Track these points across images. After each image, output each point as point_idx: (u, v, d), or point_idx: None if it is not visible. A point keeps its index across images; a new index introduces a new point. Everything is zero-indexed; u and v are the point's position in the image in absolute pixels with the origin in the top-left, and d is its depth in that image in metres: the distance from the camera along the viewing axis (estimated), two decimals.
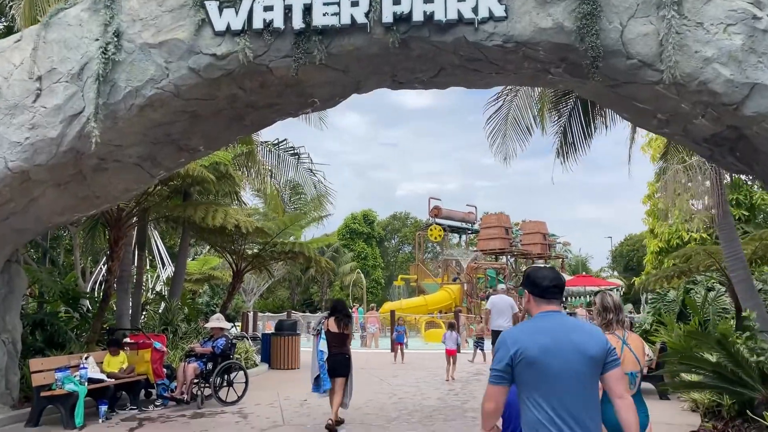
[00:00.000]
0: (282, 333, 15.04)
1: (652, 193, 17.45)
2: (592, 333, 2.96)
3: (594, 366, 2.86)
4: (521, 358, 2.83)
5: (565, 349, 2.83)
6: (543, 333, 2.89)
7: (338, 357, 7.86)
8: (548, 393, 2.81)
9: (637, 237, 65.69)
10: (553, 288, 3.03)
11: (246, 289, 39.96)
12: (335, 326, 7.92)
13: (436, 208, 38.88)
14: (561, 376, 2.80)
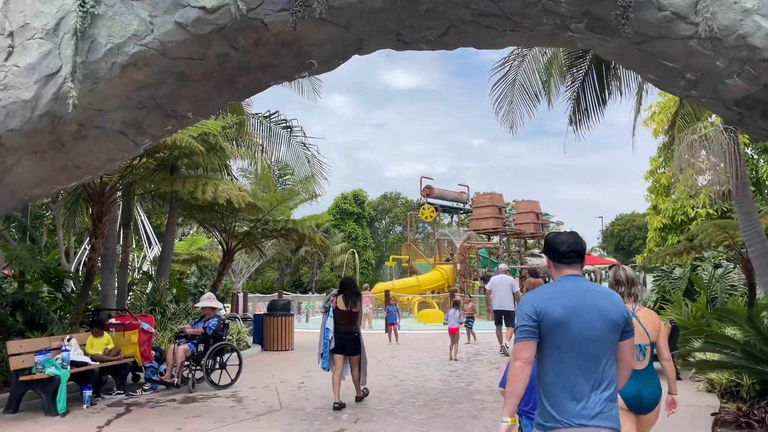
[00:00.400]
0: (275, 313, 14.52)
1: (655, 168, 17.01)
2: (613, 299, 2.97)
3: (614, 331, 2.87)
4: (545, 317, 2.82)
5: (588, 312, 2.83)
6: (567, 295, 2.88)
7: (347, 335, 7.86)
8: (569, 354, 2.80)
9: (628, 216, 65.72)
10: (571, 253, 3.01)
11: (235, 270, 39.34)
12: (344, 304, 7.90)
13: (428, 188, 38.36)
14: (583, 337, 2.80)
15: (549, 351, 2.84)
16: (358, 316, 8.22)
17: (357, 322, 8.13)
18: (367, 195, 52.66)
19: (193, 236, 35.71)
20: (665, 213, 15.34)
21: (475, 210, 36.16)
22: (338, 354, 7.88)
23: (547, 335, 2.82)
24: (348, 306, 7.94)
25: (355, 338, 8.01)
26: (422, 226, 51.72)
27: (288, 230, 14.39)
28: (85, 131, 7.62)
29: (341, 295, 8.01)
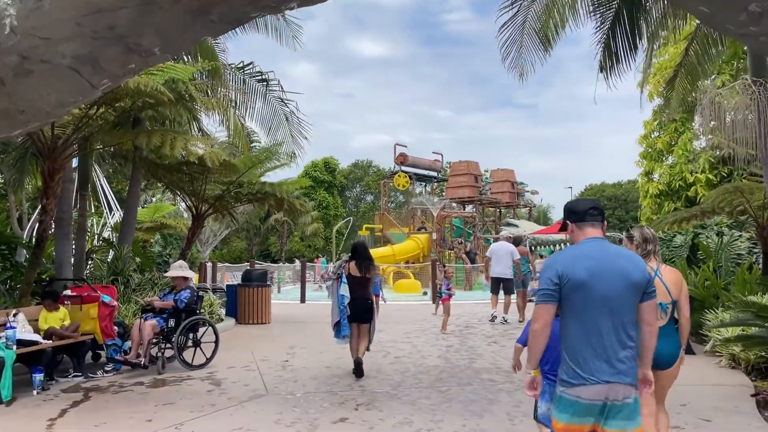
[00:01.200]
0: (250, 284, 13.39)
1: (648, 132, 16.25)
2: (635, 261, 3.02)
3: (636, 292, 2.94)
4: (568, 280, 2.89)
5: (610, 274, 2.89)
6: (589, 258, 2.94)
7: (360, 302, 7.66)
8: (592, 314, 2.88)
9: (598, 187, 65.93)
10: (592, 210, 3.10)
11: (201, 239, 37.81)
12: (357, 270, 7.68)
13: (402, 155, 37.24)
14: (605, 298, 2.87)
15: (572, 312, 2.92)
16: (371, 282, 7.95)
17: (370, 288, 7.91)
18: (338, 163, 51.32)
19: (156, 203, 34.04)
20: (661, 179, 14.64)
21: (451, 178, 35.28)
22: (353, 322, 7.70)
23: (571, 296, 2.91)
24: (362, 272, 7.70)
25: (369, 305, 7.80)
26: (394, 194, 50.71)
27: (264, 194, 13.18)
28: (29, 65, 6.27)
29: (353, 261, 7.75)
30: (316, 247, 46.85)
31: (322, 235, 46.38)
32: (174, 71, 9.15)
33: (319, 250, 47.18)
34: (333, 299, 7.90)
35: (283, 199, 12.90)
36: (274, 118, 13.20)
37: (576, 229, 3.14)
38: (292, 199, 13.40)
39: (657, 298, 3.70)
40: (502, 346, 10.20)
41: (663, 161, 15.69)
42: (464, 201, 34.92)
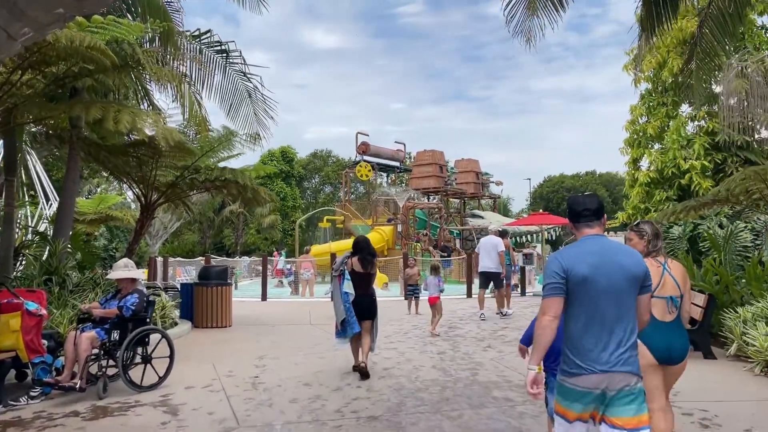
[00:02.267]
0: (209, 282, 11.85)
1: (636, 117, 15.36)
2: (634, 256, 3.12)
3: (635, 285, 3.05)
4: (572, 274, 2.99)
5: (611, 268, 3.00)
6: (590, 253, 3.04)
7: (364, 299, 7.44)
8: (594, 307, 2.98)
9: (557, 178, 66.09)
10: (584, 211, 3.18)
11: (150, 232, 35.61)
12: (360, 266, 7.43)
13: (365, 144, 35.91)
14: (607, 291, 2.98)
15: (575, 305, 3.02)
16: (374, 278, 7.73)
17: (372, 284, 7.69)
18: (296, 152, 49.42)
19: (101, 193, 31.75)
20: (655, 165, 13.75)
21: (416, 168, 34.15)
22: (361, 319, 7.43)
23: (574, 290, 3.01)
24: (365, 268, 7.46)
25: (373, 301, 7.59)
26: (355, 185, 49.27)
27: (225, 181, 11.63)
28: None
29: (356, 256, 7.48)
30: (274, 240, 45.04)
31: (280, 227, 44.61)
32: (118, 30, 7.55)
33: (277, 243, 45.40)
34: (336, 297, 7.53)
35: (246, 187, 11.38)
36: (236, 94, 11.64)
37: (574, 227, 3.24)
38: (258, 186, 11.89)
39: (667, 291, 4.02)
40: (499, 352, 9.04)
41: (651, 148, 14.83)
42: (429, 191, 33.85)
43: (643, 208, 14.23)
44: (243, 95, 11.67)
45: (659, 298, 4.01)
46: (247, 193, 11.50)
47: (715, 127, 13.37)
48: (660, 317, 4.01)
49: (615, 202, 59.88)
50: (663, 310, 4.03)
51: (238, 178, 11.23)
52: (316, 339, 10.43)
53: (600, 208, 3.21)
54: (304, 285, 19.98)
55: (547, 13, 8.66)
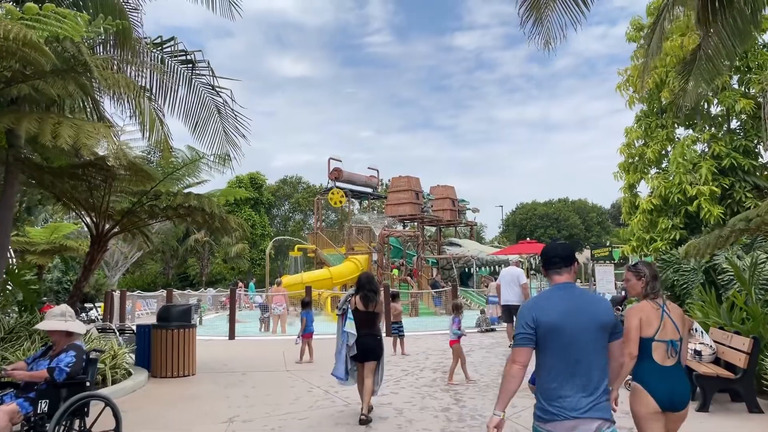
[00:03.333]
0: (169, 324, 10.29)
1: (631, 141, 14.46)
2: (602, 303, 3.24)
3: (604, 333, 3.15)
4: (541, 323, 3.10)
5: (580, 316, 3.10)
6: (560, 300, 3.16)
7: (368, 339, 7.08)
8: (563, 355, 3.06)
9: (529, 206, 65.74)
10: (554, 258, 3.29)
11: (109, 263, 33.49)
12: (363, 304, 7.11)
13: (337, 170, 34.68)
14: (576, 339, 3.07)
15: (546, 353, 3.12)
16: (379, 317, 7.40)
17: (378, 323, 7.34)
18: (265, 179, 47.78)
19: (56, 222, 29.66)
20: (657, 191, 12.74)
21: (391, 195, 32.97)
22: (360, 361, 7.09)
23: (543, 339, 3.12)
24: (368, 306, 7.12)
25: (378, 341, 7.21)
26: (326, 212, 47.86)
27: (189, 208, 10.19)
28: None
29: (359, 294, 7.16)
30: (242, 270, 43.13)
31: (248, 256, 42.77)
32: (59, 25, 6.17)
33: (245, 273, 43.51)
34: (338, 337, 7.24)
35: (214, 215, 9.96)
36: (203, 110, 10.26)
37: (546, 274, 3.37)
38: (228, 214, 10.49)
39: (668, 335, 3.98)
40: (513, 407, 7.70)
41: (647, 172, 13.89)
42: (405, 219, 32.67)
43: (647, 238, 13.22)
44: (211, 111, 10.31)
45: (660, 342, 3.97)
46: (215, 221, 10.08)
47: (720, 151, 12.49)
48: (661, 362, 3.95)
49: (588, 229, 59.78)
50: (664, 354, 3.96)
51: (205, 206, 9.81)
52: (295, 392, 8.98)
53: (570, 255, 3.29)
54: (275, 321, 18.41)
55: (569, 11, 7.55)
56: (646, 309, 4.04)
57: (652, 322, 3.99)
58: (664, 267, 11.66)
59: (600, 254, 20.23)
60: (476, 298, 25.88)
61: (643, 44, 15.28)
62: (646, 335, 3.97)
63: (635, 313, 4.03)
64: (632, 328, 3.96)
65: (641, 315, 4.01)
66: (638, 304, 4.15)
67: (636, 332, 3.96)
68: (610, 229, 62.85)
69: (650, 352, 3.96)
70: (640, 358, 3.95)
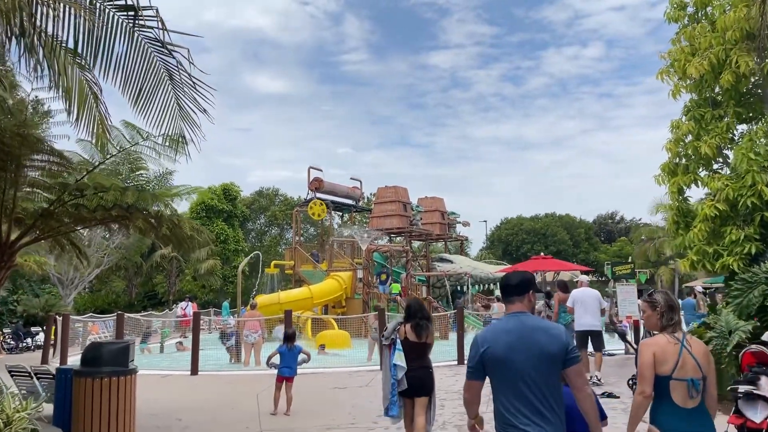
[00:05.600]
0: (97, 370, 7.39)
1: (680, 137, 12.00)
2: (551, 332, 3.18)
3: (554, 363, 3.11)
4: (489, 356, 3.15)
5: (527, 347, 3.10)
6: (508, 332, 3.18)
7: (420, 372, 6.40)
8: (512, 387, 3.09)
9: (515, 221, 63.52)
10: (506, 287, 3.36)
11: (63, 280, 30.12)
12: (414, 334, 6.44)
13: (318, 180, 31.92)
14: (524, 372, 3.07)
15: (497, 385, 3.18)
16: (431, 348, 6.58)
17: (428, 355, 6.57)
18: (240, 190, 44.67)
19: None
20: (721, 195, 10.27)
21: (377, 206, 30.27)
22: (409, 397, 6.40)
23: (493, 371, 3.17)
24: (420, 336, 6.43)
25: (429, 374, 6.48)
26: (305, 226, 44.93)
27: (129, 210, 7.39)
28: None
29: (410, 323, 6.47)
30: (213, 288, 39.91)
31: (220, 273, 39.60)
32: None
33: (216, 291, 40.30)
34: (384, 369, 6.67)
35: (161, 219, 7.17)
36: (148, 74, 7.48)
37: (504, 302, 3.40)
38: (180, 217, 7.70)
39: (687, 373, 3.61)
40: None
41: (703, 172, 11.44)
42: (392, 232, 29.99)
43: (711, 251, 10.74)
44: (160, 76, 7.51)
45: (679, 380, 3.58)
46: (163, 227, 7.27)
47: None
48: (681, 403, 3.57)
49: (576, 245, 57.70)
50: (684, 394, 3.57)
51: (148, 206, 7.01)
52: None
53: (521, 284, 3.33)
54: (248, 350, 15.50)
55: None
56: (661, 343, 3.68)
57: (668, 358, 3.61)
58: (744, 289, 9.16)
59: (621, 272, 17.78)
60: (473, 321, 23.25)
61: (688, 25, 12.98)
62: (662, 373, 3.59)
63: (648, 348, 3.67)
64: (644, 364, 3.62)
65: (655, 350, 3.65)
66: (652, 338, 3.78)
67: (649, 369, 3.60)
68: (597, 246, 60.96)
69: (668, 392, 3.59)
70: (658, 398, 3.61)
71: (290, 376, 9.23)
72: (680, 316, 3.86)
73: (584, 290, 11.99)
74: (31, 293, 29.06)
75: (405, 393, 6.38)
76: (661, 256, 48.79)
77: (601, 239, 65.27)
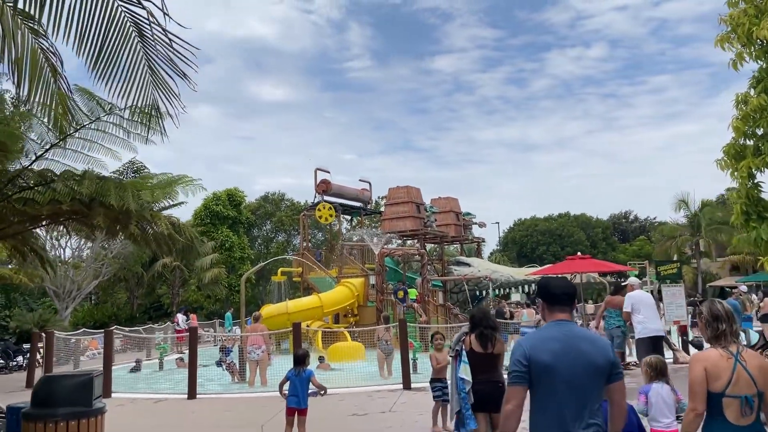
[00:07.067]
0: (50, 412, 5.72)
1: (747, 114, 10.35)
2: (599, 344, 3.13)
3: (599, 375, 3.02)
4: (534, 362, 3.02)
5: (573, 357, 3.00)
6: (554, 340, 3.07)
7: (488, 386, 5.97)
8: (555, 397, 2.97)
9: (529, 222, 61.63)
10: (563, 296, 3.22)
11: (59, 293, 28.52)
12: (480, 345, 6.08)
13: (325, 182, 30.29)
14: (569, 382, 2.97)
15: (539, 394, 3.04)
16: (500, 359, 6.16)
17: (499, 367, 6.14)
18: (244, 196, 43.06)
19: None
20: None
21: (388, 208, 28.57)
22: (480, 411, 5.95)
23: (537, 379, 3.03)
24: (487, 347, 6.05)
25: (499, 389, 5.85)
26: (313, 231, 43.27)
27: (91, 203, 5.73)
28: None
29: (475, 332, 6.12)
30: (218, 298, 38.30)
31: (225, 282, 38.00)
32: None
33: (222, 300, 38.70)
34: (452, 383, 6.36)
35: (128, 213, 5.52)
36: (111, 30, 5.91)
37: (546, 309, 3.26)
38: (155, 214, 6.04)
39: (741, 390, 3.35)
40: None
41: None
42: (405, 235, 28.28)
43: None
44: (126, 32, 5.88)
45: (732, 397, 3.33)
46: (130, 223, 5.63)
47: None
48: (735, 421, 3.32)
49: (593, 245, 55.69)
50: (737, 412, 3.31)
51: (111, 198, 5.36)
52: None
53: (571, 291, 3.25)
54: (253, 368, 13.80)
55: None
56: (713, 358, 3.40)
57: (720, 374, 3.33)
58: None
59: (667, 272, 16.03)
60: None
61: None
62: (715, 390, 3.33)
63: (698, 363, 3.42)
64: (695, 381, 3.37)
65: (706, 365, 3.38)
66: (702, 353, 3.51)
67: (699, 386, 3.36)
68: (615, 245, 59.00)
69: (721, 409, 3.32)
70: (710, 416, 3.37)
71: (300, 408, 7.50)
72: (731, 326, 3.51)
73: (640, 293, 11.13)
74: (26, 308, 27.53)
75: (474, 407, 6.00)
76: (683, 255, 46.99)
77: (617, 239, 63.39)
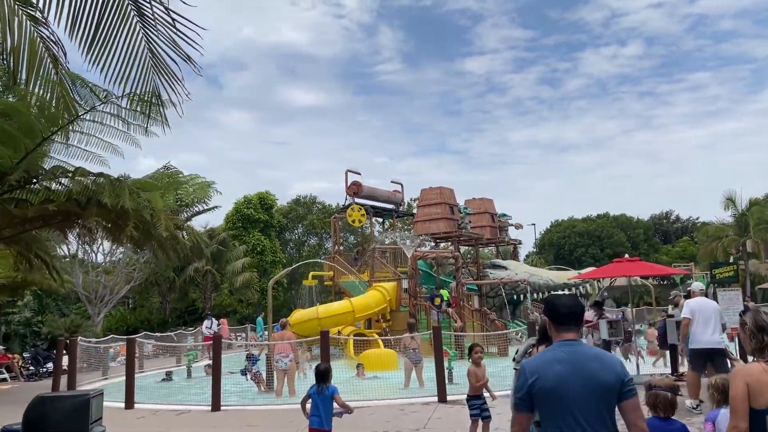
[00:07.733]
0: None
1: None
2: (607, 363, 2.99)
3: (607, 395, 2.89)
4: (539, 387, 2.91)
5: (579, 379, 2.88)
6: (560, 362, 2.94)
7: None
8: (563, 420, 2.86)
9: (566, 223, 60.01)
10: (569, 315, 3.11)
11: (91, 298, 28.48)
12: None
13: (356, 184, 29.68)
14: (576, 404, 2.85)
15: (547, 418, 2.92)
16: None
17: None
18: (276, 199, 42.74)
19: None
20: None
21: (421, 209, 27.71)
22: None
23: (543, 403, 2.91)
24: None
25: None
26: (345, 234, 42.70)
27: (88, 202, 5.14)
28: None
29: (545, 344, 5.61)
30: (250, 302, 38.00)
31: (257, 286, 37.68)
32: None
33: (254, 304, 38.38)
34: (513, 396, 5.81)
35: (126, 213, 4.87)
36: (107, 9, 5.30)
37: (553, 328, 3.16)
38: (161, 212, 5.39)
39: None
40: None
41: None
42: (439, 237, 27.38)
43: None
44: (124, 11, 5.28)
45: None
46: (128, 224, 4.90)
47: None
48: None
49: (635, 247, 53.79)
50: None
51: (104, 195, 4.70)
52: None
53: (583, 312, 3.18)
54: (280, 378, 13.15)
55: None
56: (755, 373, 3.18)
57: (763, 389, 3.11)
58: None
59: (722, 274, 14.86)
60: None
61: None
62: (757, 406, 3.09)
63: (740, 378, 3.19)
64: (736, 397, 3.15)
65: (748, 380, 3.15)
66: (744, 367, 3.33)
67: (742, 403, 3.12)
68: (658, 247, 56.94)
69: (764, 427, 3.09)
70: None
71: (322, 429, 6.73)
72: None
73: (701, 300, 10.34)
74: (58, 313, 27.54)
75: None
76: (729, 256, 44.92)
77: (658, 240, 61.22)
